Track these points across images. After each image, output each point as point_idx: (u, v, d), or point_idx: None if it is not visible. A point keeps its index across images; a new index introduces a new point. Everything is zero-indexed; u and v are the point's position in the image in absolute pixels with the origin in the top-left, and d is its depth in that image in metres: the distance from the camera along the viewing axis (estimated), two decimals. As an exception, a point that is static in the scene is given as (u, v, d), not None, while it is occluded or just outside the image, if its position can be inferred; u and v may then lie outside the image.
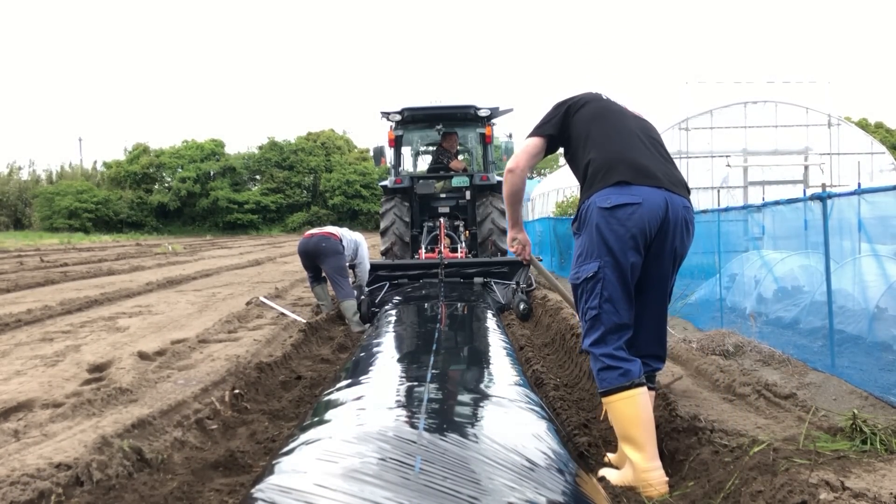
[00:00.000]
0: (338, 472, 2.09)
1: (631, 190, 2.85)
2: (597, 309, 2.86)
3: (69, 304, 8.34)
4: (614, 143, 3.03)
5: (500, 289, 8.55)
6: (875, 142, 21.91)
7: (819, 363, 4.45)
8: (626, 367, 2.82)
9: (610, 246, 2.83)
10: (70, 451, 3.03)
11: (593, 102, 3.23)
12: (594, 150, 3.03)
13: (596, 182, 2.93)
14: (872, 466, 2.76)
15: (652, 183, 2.89)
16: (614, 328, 2.87)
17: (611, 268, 2.84)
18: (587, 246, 2.90)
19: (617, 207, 2.82)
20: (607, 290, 2.85)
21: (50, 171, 58.10)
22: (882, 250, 4.83)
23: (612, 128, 3.10)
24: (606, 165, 2.93)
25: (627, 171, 2.89)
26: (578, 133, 3.15)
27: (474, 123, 10.34)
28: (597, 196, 2.89)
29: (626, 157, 2.96)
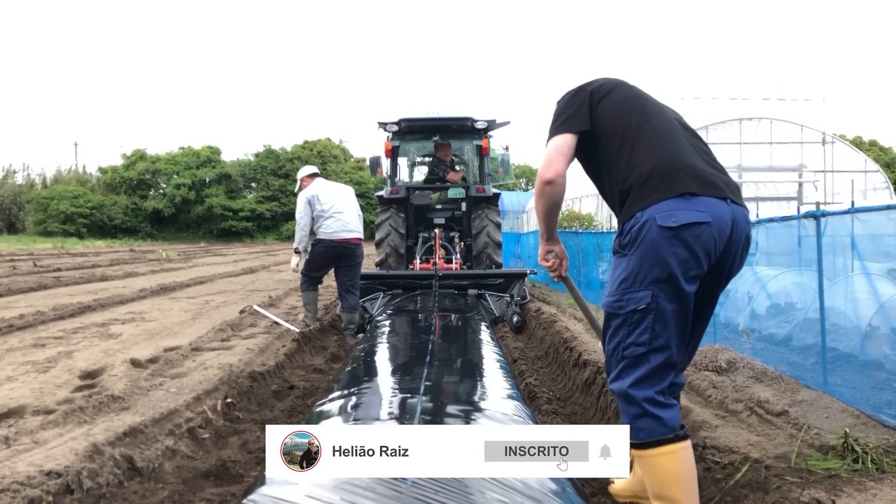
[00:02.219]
0: (330, 484, 2.09)
1: (697, 203, 2.38)
2: (644, 346, 2.41)
3: (62, 310, 8.31)
4: (663, 141, 2.55)
5: (494, 301, 8.56)
6: (869, 160, 22.05)
7: (811, 381, 4.46)
8: (668, 415, 2.42)
9: (672, 272, 2.36)
10: (61, 458, 3.01)
11: (621, 89, 2.72)
12: (640, 150, 2.53)
13: (650, 192, 2.43)
14: (863, 486, 2.77)
15: (717, 193, 2.43)
16: (660, 368, 2.43)
17: (667, 299, 2.39)
18: (637, 271, 2.41)
19: (684, 227, 2.35)
20: (660, 326, 2.40)
21: (45, 175, 57.97)
22: (874, 268, 4.85)
23: (654, 122, 2.61)
24: (663, 171, 2.44)
25: (690, 180, 2.42)
26: (609, 128, 2.63)
27: (471, 135, 10.37)
28: (656, 210, 2.38)
29: (683, 160, 2.49)
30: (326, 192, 7.44)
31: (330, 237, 7.23)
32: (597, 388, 4.56)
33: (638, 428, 2.41)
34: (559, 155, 2.62)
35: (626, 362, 2.46)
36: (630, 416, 2.44)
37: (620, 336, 2.47)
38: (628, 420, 2.44)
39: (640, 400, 2.40)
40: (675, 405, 2.47)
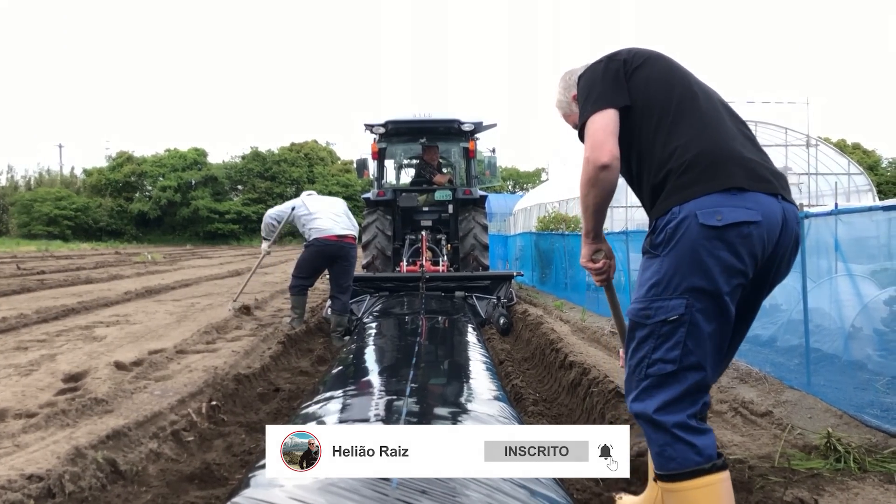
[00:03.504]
0: (314, 487, 2.07)
1: (746, 200, 2.06)
2: (674, 364, 2.09)
3: (45, 313, 8.24)
4: (709, 124, 2.21)
5: (481, 303, 8.57)
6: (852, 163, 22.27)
7: (795, 381, 4.49)
8: (703, 441, 2.09)
9: (712, 279, 2.05)
10: (42, 462, 2.98)
11: (658, 60, 2.36)
12: (681, 132, 2.19)
13: (691, 183, 2.11)
14: (846, 485, 2.79)
15: (768, 189, 2.12)
16: (693, 389, 2.11)
17: (704, 310, 2.07)
18: (671, 275, 2.09)
19: (730, 227, 2.03)
20: (693, 341, 2.08)
21: (29, 177, 57.52)
22: (857, 270, 4.89)
23: (699, 101, 2.27)
24: (708, 159, 2.12)
25: (739, 171, 2.10)
26: (644, 104, 2.28)
27: (458, 138, 10.40)
28: (697, 206, 2.07)
29: (731, 148, 2.16)
30: (314, 200, 7.49)
31: (323, 234, 7.16)
32: (582, 390, 4.58)
33: (668, 457, 2.10)
34: (608, 134, 2.22)
35: (650, 381, 2.13)
36: (657, 445, 2.12)
37: (646, 350, 2.14)
38: (655, 449, 2.14)
39: (670, 426, 2.08)
40: (709, 431, 2.14)
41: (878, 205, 4.40)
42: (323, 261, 7.28)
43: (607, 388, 4.23)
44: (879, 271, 4.96)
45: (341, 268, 7.24)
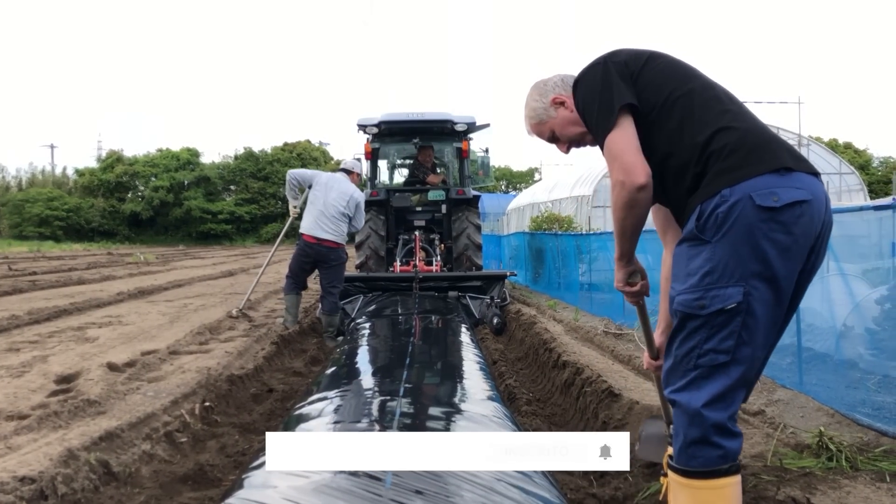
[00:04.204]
0: (308, 488, 2.08)
1: (794, 179, 1.99)
2: (727, 354, 1.99)
3: (37, 314, 8.20)
4: (739, 109, 2.15)
5: (474, 303, 8.58)
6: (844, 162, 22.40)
7: (787, 380, 4.51)
8: (732, 445, 2.02)
9: (770, 264, 1.95)
10: (35, 464, 2.97)
11: (660, 57, 2.28)
12: (714, 118, 2.09)
13: (740, 164, 2.01)
14: (838, 483, 2.81)
15: (808, 168, 2.06)
16: (739, 384, 2.03)
17: (762, 298, 1.97)
18: (727, 262, 1.97)
19: (786, 208, 1.95)
20: (748, 332, 1.98)
21: (20, 177, 57.27)
22: (849, 269, 4.91)
23: (717, 90, 2.20)
24: (752, 141, 2.04)
25: (783, 152, 2.04)
26: (662, 98, 2.16)
27: (451, 137, 10.40)
28: (751, 187, 1.96)
29: (766, 131, 2.11)
30: (323, 187, 7.34)
31: (304, 231, 7.19)
32: (576, 390, 4.58)
33: (691, 454, 2.02)
34: (634, 150, 2.09)
35: (699, 372, 2.02)
36: (686, 438, 2.04)
37: (697, 340, 2.03)
38: (681, 439, 2.05)
39: (710, 424, 1.99)
40: (740, 435, 2.07)
41: (869, 204, 4.42)
42: (305, 260, 7.27)
43: (600, 388, 4.23)
44: (871, 270, 4.98)
45: (325, 269, 7.24)
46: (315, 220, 7.14)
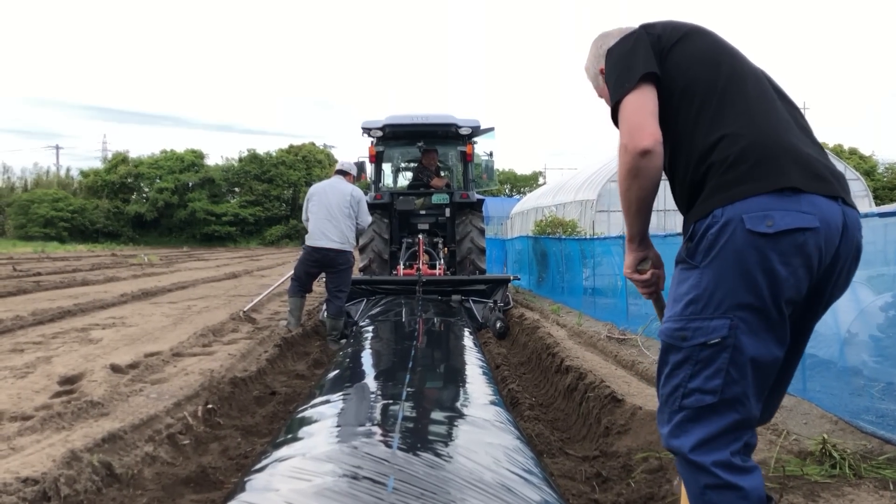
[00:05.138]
0: (310, 491, 2.08)
1: (801, 202, 1.76)
2: (714, 395, 1.80)
3: (41, 315, 8.22)
4: (759, 112, 1.91)
5: (477, 307, 8.58)
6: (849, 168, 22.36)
7: (791, 387, 4.48)
8: (750, 483, 1.79)
9: (761, 295, 1.76)
10: (38, 465, 2.98)
11: (700, 36, 2.07)
12: (728, 120, 1.89)
13: (739, 181, 1.81)
14: (841, 491, 2.80)
15: (826, 190, 1.81)
16: (735, 426, 1.81)
17: (751, 332, 1.77)
18: (713, 290, 1.80)
19: (783, 234, 1.74)
20: (737, 369, 1.78)
21: (26, 178, 57.50)
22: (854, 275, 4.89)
23: (747, 84, 1.97)
24: (758, 152, 1.82)
25: (793, 168, 1.80)
26: (685, 84, 1.98)
27: (455, 141, 10.41)
28: (744, 208, 1.77)
29: (785, 140, 1.85)
30: (321, 195, 7.42)
31: (309, 242, 7.34)
32: (578, 395, 4.58)
33: (710, 502, 1.80)
34: (647, 115, 1.92)
35: (685, 414, 1.84)
36: (698, 488, 1.82)
37: (681, 378, 1.84)
38: (695, 491, 1.84)
39: (710, 465, 1.79)
40: (756, 469, 1.83)
41: (874, 210, 4.40)
42: (312, 264, 7.36)
43: (603, 394, 4.23)
44: (876, 277, 4.97)
45: (332, 273, 7.30)
46: (320, 230, 7.21)
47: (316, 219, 7.27)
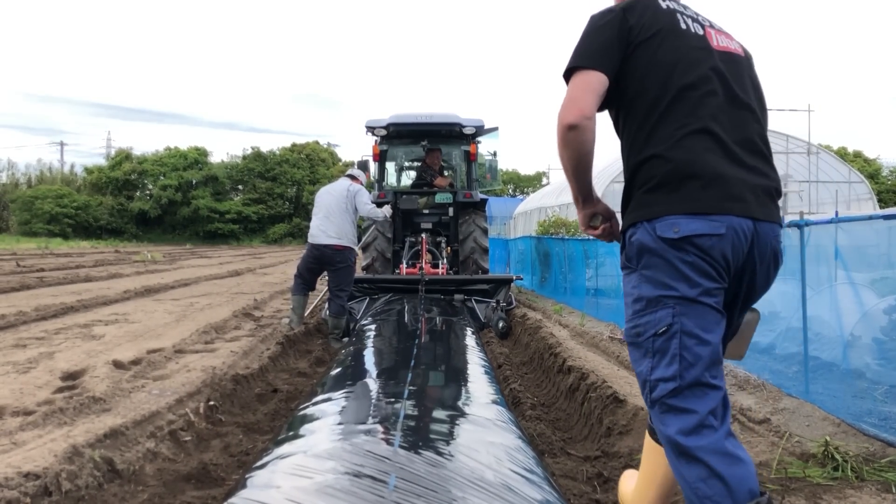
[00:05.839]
0: (311, 488, 2.07)
1: (711, 219, 1.97)
2: (675, 381, 1.93)
3: (44, 311, 8.24)
4: (696, 129, 2.03)
5: (480, 306, 8.57)
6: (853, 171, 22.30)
7: (793, 389, 4.49)
8: (735, 473, 1.86)
9: (691, 282, 1.96)
10: (39, 460, 2.98)
11: (670, 36, 2.11)
12: (661, 136, 2.04)
13: (654, 202, 2.03)
14: (843, 494, 2.79)
15: (740, 210, 1.98)
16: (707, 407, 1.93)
17: (695, 317, 1.95)
18: (651, 287, 2.01)
19: (688, 240, 1.96)
20: (692, 352, 1.93)
21: (30, 174, 57.59)
22: (858, 278, 4.88)
23: (693, 94, 2.06)
24: (677, 177, 2.00)
25: (709, 194, 1.98)
26: (639, 89, 2.10)
27: (459, 140, 10.41)
28: (658, 222, 2.00)
29: (709, 163, 2.00)
30: (322, 195, 7.61)
31: (309, 241, 7.44)
32: (580, 395, 4.57)
33: (703, 496, 1.85)
34: (585, 91, 2.04)
35: (659, 409, 1.98)
36: (692, 480, 1.88)
37: (644, 371, 2.01)
38: (687, 484, 1.89)
39: (699, 453, 1.86)
40: (744, 460, 1.89)
41: (878, 213, 4.39)
42: (312, 262, 7.40)
43: (605, 394, 4.22)
44: (879, 280, 4.96)
45: (333, 271, 7.32)
46: (318, 228, 7.34)
47: (316, 218, 7.44)
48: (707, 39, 2.16)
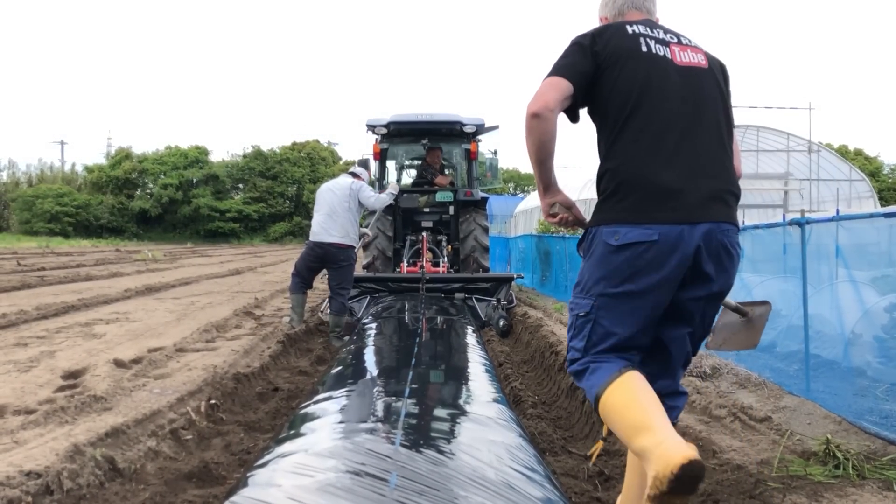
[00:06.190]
0: (312, 487, 2.07)
1: (646, 227, 2.26)
2: (580, 352, 2.39)
3: (45, 309, 8.24)
4: (646, 148, 2.32)
5: (480, 305, 8.57)
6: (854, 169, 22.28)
7: (795, 387, 4.49)
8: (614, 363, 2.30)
9: (616, 279, 2.30)
10: (41, 458, 2.98)
11: (632, 63, 2.38)
12: (618, 153, 2.36)
13: (607, 209, 2.37)
14: (844, 492, 2.79)
15: (676, 218, 2.26)
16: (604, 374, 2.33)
17: (607, 311, 2.33)
18: (587, 278, 2.40)
19: (625, 247, 2.27)
20: (597, 335, 2.35)
21: (30, 173, 57.60)
22: (859, 276, 4.88)
23: (652, 115, 2.34)
24: (624, 191, 2.32)
25: (650, 206, 2.28)
26: (606, 108, 2.41)
27: (460, 139, 10.40)
28: (605, 227, 2.34)
29: (654, 179, 2.29)
30: (324, 193, 7.53)
31: (311, 239, 7.37)
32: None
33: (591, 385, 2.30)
34: (551, 88, 2.34)
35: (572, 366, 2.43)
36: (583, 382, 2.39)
37: (568, 335, 2.50)
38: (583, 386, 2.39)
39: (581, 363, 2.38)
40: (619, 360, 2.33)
41: (879, 211, 4.39)
42: (313, 260, 7.35)
43: (606, 392, 4.21)
44: (880, 278, 4.96)
45: (333, 269, 7.28)
46: (320, 226, 7.25)
47: (318, 215, 7.35)
48: (669, 58, 2.41)
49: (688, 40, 2.52)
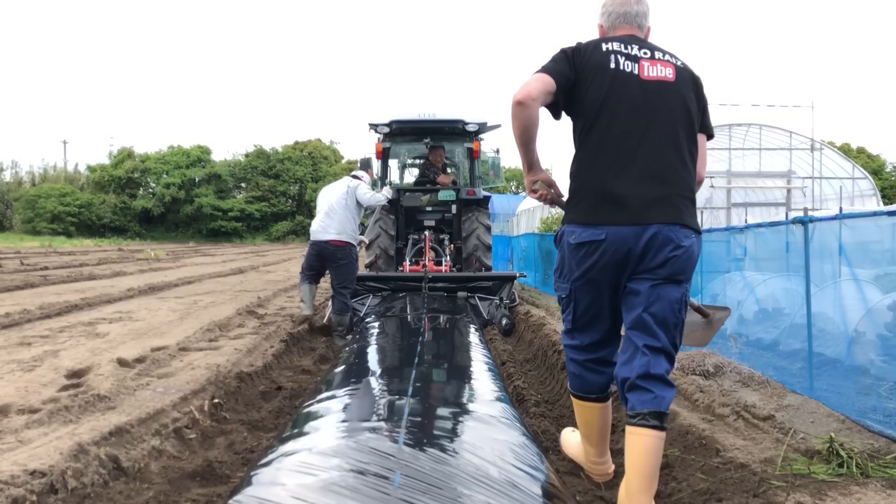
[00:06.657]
0: (316, 486, 2.08)
1: (595, 227, 2.71)
2: (569, 324, 2.98)
3: (48, 309, 8.25)
4: (602, 157, 2.72)
5: (483, 304, 8.57)
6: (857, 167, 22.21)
7: (798, 385, 4.49)
8: (590, 378, 2.99)
9: (584, 274, 2.79)
10: (45, 458, 2.99)
11: (598, 77, 2.74)
12: (580, 161, 2.81)
13: (570, 210, 2.84)
14: (848, 490, 2.79)
15: (623, 220, 2.66)
16: (587, 344, 2.97)
17: (582, 292, 2.86)
18: (562, 266, 2.93)
19: (580, 245, 2.75)
20: (581, 313, 2.91)
21: (33, 173, 57.68)
22: (862, 274, 4.88)
23: (611, 128, 2.72)
24: (581, 196, 2.78)
25: (602, 210, 2.71)
26: (578, 116, 2.83)
27: (462, 138, 10.40)
28: (567, 227, 2.83)
29: (605, 187, 2.71)
30: (323, 193, 7.65)
31: (311, 238, 7.46)
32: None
33: (569, 379, 3.10)
34: (536, 80, 2.69)
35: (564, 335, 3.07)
36: (569, 370, 3.09)
37: (561, 310, 3.04)
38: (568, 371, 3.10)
39: (577, 362, 3.00)
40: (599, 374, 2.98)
41: (882, 209, 4.39)
42: (314, 258, 7.41)
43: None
44: (883, 276, 4.95)
45: (334, 268, 7.32)
46: (319, 224, 7.36)
47: (318, 215, 7.47)
48: (636, 74, 2.73)
49: (662, 54, 2.82)
